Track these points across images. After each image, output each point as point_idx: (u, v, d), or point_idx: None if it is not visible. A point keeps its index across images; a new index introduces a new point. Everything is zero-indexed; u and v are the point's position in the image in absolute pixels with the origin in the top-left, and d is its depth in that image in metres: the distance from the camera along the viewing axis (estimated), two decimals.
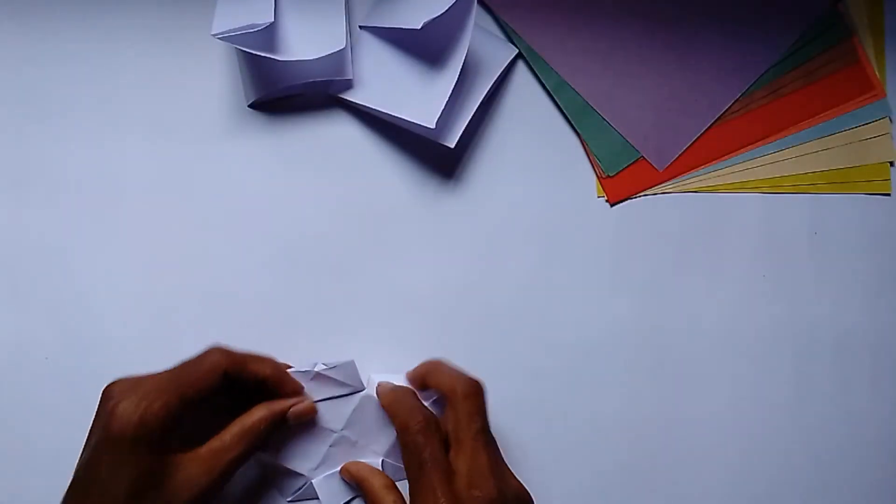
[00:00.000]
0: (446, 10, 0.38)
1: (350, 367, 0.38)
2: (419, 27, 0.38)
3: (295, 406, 0.37)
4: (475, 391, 0.36)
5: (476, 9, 0.38)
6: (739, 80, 0.44)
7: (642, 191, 0.43)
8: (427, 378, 0.38)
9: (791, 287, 0.43)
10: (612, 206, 0.43)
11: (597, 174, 0.44)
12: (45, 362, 0.40)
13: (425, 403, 0.37)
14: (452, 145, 0.41)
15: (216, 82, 0.43)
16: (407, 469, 0.35)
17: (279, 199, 0.42)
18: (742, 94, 0.44)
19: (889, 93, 0.44)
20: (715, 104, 0.44)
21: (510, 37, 0.44)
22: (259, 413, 0.35)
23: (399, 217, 0.43)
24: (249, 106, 0.43)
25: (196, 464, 0.33)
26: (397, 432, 0.36)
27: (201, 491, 0.32)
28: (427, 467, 0.33)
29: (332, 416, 0.38)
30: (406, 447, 0.35)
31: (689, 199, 0.44)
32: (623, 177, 0.43)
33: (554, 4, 0.44)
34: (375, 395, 0.38)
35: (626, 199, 0.43)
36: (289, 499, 0.38)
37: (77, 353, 0.40)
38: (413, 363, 0.40)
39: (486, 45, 0.43)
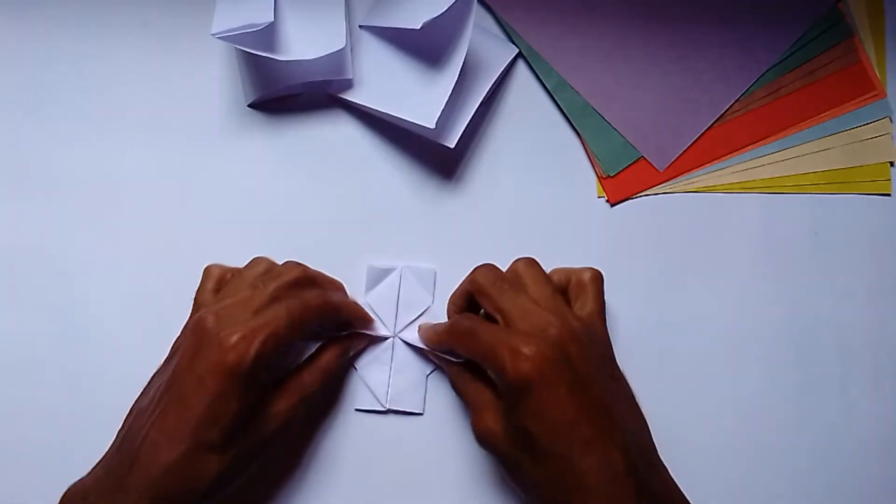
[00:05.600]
0: (446, 10, 0.37)
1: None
2: (419, 27, 0.38)
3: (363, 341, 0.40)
4: (478, 271, 0.37)
5: (476, 8, 0.38)
6: (740, 80, 0.44)
7: (642, 191, 0.43)
8: (452, 303, 0.40)
9: (792, 287, 0.43)
10: (612, 206, 0.43)
11: (597, 174, 0.43)
12: (45, 362, 0.40)
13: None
14: (452, 145, 0.41)
15: (216, 82, 0.43)
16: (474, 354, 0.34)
17: (279, 198, 0.42)
18: (742, 94, 0.44)
19: (889, 93, 0.44)
20: (715, 104, 0.44)
21: (510, 36, 0.44)
22: (332, 353, 0.38)
23: (399, 217, 0.43)
24: (249, 106, 0.43)
25: (282, 399, 0.35)
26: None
27: (285, 423, 0.35)
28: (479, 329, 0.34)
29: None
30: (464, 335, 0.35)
31: (690, 199, 0.44)
32: (623, 177, 0.43)
33: (554, 4, 0.44)
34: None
35: (626, 199, 0.43)
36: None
37: (77, 353, 0.40)
38: None
39: (486, 44, 0.43)
